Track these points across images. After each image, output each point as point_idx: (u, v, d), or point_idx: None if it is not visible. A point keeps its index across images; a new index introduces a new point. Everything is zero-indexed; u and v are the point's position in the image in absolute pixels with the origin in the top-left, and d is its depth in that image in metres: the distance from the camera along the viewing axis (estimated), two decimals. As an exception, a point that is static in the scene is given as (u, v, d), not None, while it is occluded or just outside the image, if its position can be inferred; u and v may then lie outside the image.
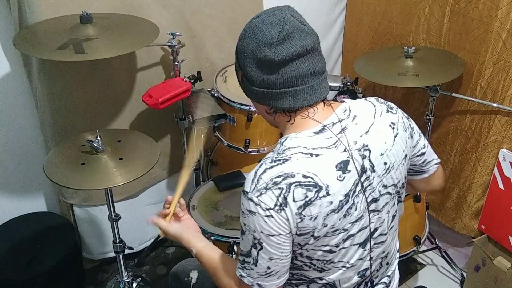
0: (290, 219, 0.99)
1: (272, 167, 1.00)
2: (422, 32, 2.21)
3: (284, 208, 0.98)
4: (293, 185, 0.98)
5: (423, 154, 1.22)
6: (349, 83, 2.07)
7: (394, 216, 1.18)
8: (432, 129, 2.20)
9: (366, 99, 1.15)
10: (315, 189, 0.98)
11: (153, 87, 1.87)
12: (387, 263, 1.24)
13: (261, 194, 0.98)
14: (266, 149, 2.05)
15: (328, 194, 1.00)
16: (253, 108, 1.94)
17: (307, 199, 0.98)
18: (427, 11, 2.15)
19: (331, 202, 1.01)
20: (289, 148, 1.02)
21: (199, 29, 2.09)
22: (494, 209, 2.08)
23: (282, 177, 0.98)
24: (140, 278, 2.01)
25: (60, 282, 2.02)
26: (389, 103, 1.17)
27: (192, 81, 1.96)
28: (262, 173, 1.00)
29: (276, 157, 1.01)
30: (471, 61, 2.03)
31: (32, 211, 2.13)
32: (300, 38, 0.99)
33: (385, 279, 1.26)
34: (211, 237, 1.68)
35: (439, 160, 1.27)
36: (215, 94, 2.04)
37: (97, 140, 1.56)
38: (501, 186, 2.02)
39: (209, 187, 1.96)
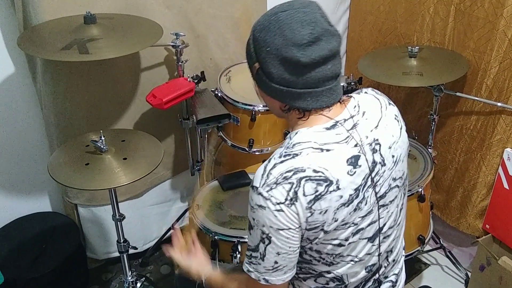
0: (300, 213, 0.99)
1: (282, 161, 1.00)
2: (426, 31, 2.20)
3: (295, 202, 0.98)
4: (304, 179, 0.98)
5: None
6: (353, 83, 2.07)
7: (401, 210, 1.20)
8: (437, 128, 2.19)
9: (366, 93, 1.15)
10: (325, 184, 0.99)
11: (157, 87, 1.87)
12: (394, 260, 1.24)
13: (271, 188, 0.98)
14: (269, 149, 2.05)
15: (338, 188, 1.00)
16: (257, 108, 1.94)
17: (317, 193, 0.98)
18: (432, 10, 2.14)
19: (341, 196, 1.01)
20: (299, 142, 1.02)
21: (202, 29, 2.09)
22: (498, 208, 2.07)
23: (292, 172, 0.98)
24: (144, 278, 2.01)
25: (65, 281, 2.02)
26: (383, 94, 1.18)
27: (195, 81, 1.96)
28: (272, 168, 1.00)
29: (285, 152, 1.01)
30: (476, 60, 2.02)
31: (36, 211, 2.14)
32: (327, 40, 0.97)
33: (392, 277, 1.26)
34: (215, 237, 1.68)
35: None
36: (219, 94, 2.04)
37: (101, 140, 1.56)
38: (505, 185, 2.01)
39: (213, 187, 1.96)
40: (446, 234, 2.39)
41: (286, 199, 0.98)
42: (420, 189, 1.89)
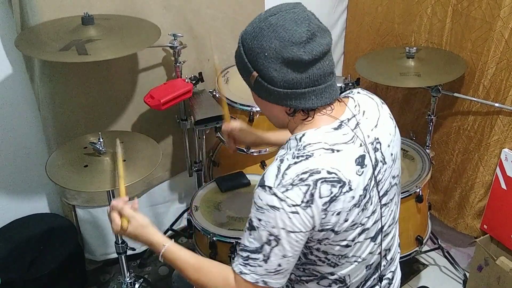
0: (315, 215, 0.98)
1: (296, 163, 0.98)
2: (424, 32, 2.20)
3: (311, 204, 0.97)
4: (319, 181, 0.97)
5: None
6: (350, 84, 2.07)
7: (397, 207, 1.22)
8: (435, 129, 2.20)
9: (359, 93, 1.16)
10: (339, 185, 0.99)
11: (155, 88, 1.86)
12: (391, 258, 1.25)
13: (287, 190, 0.96)
14: (268, 149, 2.05)
15: (350, 189, 1.00)
16: (255, 109, 1.93)
17: (332, 195, 0.98)
18: (430, 11, 2.14)
19: (353, 197, 1.01)
20: (309, 144, 1.01)
21: (200, 30, 2.09)
22: (496, 209, 2.08)
23: (308, 173, 0.97)
24: (142, 279, 2.01)
25: (63, 283, 2.02)
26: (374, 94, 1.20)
27: (193, 82, 1.96)
28: (287, 169, 0.98)
29: (298, 153, 1.00)
30: (473, 61, 2.03)
31: (34, 212, 2.13)
32: (322, 36, 0.98)
33: (389, 275, 1.27)
34: (213, 238, 1.68)
35: None
36: (217, 95, 2.04)
37: (99, 142, 1.56)
38: (503, 186, 2.02)
39: (211, 188, 1.96)
40: (444, 235, 2.39)
41: (302, 201, 0.96)
42: (418, 190, 1.90)
